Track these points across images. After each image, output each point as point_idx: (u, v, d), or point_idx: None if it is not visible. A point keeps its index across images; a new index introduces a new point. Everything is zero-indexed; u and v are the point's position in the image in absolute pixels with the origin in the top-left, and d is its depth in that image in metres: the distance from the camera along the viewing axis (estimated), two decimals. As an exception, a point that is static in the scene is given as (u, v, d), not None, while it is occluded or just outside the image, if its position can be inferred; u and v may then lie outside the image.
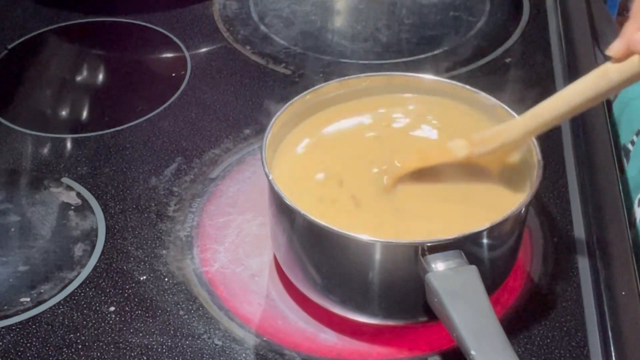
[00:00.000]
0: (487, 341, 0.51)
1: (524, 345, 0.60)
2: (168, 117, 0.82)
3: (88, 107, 0.86)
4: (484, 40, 0.93)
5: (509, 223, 0.58)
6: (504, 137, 0.59)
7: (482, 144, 0.60)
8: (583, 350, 0.60)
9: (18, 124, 0.82)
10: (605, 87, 0.52)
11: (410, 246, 0.55)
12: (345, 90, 0.68)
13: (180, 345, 0.61)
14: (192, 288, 0.65)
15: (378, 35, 0.95)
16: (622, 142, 0.78)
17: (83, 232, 0.70)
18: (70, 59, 0.93)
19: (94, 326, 0.62)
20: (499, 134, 0.60)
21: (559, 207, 0.72)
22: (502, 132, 0.60)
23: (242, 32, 0.95)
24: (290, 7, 0.99)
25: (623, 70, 0.50)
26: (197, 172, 0.76)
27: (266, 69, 0.89)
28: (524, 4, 0.99)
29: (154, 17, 0.97)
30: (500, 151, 0.60)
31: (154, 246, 0.69)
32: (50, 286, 0.65)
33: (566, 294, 0.64)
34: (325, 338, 0.61)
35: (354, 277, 0.58)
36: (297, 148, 0.66)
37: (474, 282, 0.54)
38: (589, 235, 0.68)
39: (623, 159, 0.77)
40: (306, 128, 0.67)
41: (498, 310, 0.62)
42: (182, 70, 0.89)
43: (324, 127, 0.68)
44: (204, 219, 0.71)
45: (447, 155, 0.62)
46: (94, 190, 0.74)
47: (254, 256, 0.68)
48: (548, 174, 0.73)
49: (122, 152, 0.78)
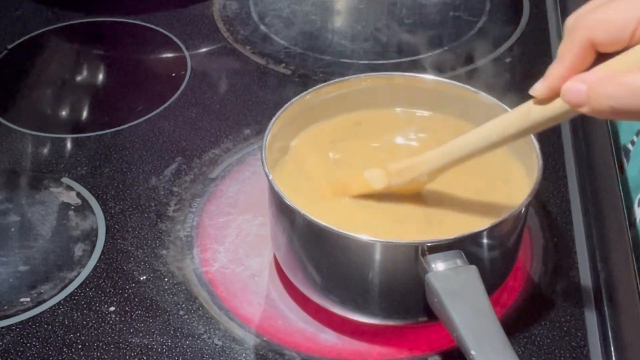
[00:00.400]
0: (487, 341, 0.51)
1: (524, 345, 0.60)
2: (168, 117, 0.82)
3: (88, 107, 0.86)
4: (484, 40, 0.93)
5: (509, 223, 0.58)
6: (420, 169, 0.59)
7: (399, 175, 0.60)
8: (583, 350, 0.60)
9: (18, 124, 0.82)
10: (526, 125, 0.51)
11: (410, 246, 0.55)
12: (346, 90, 0.68)
13: (180, 345, 0.61)
14: (192, 288, 0.65)
15: (378, 35, 0.95)
16: (622, 142, 0.78)
17: (83, 232, 0.70)
18: (70, 59, 0.93)
19: (94, 326, 0.62)
20: (414, 167, 0.59)
21: (559, 207, 0.72)
22: (418, 164, 0.59)
23: (242, 32, 0.95)
24: (290, 7, 0.99)
25: (546, 111, 0.49)
26: (197, 172, 0.76)
27: (266, 69, 0.89)
28: (524, 4, 0.99)
29: (154, 17, 0.97)
30: (416, 183, 0.60)
31: (154, 246, 0.69)
32: (50, 286, 0.65)
33: (566, 294, 0.64)
34: (325, 338, 0.61)
35: (354, 277, 0.58)
36: (297, 148, 0.66)
37: (474, 282, 0.54)
38: (589, 235, 0.68)
39: (623, 159, 0.77)
40: (306, 128, 0.67)
41: (498, 310, 0.62)
42: (182, 70, 0.89)
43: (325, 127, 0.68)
44: (204, 219, 0.71)
45: (365, 186, 0.61)
46: (94, 190, 0.74)
47: (254, 256, 0.68)
48: (548, 174, 0.73)
49: (122, 152, 0.78)
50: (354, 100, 0.68)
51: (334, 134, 0.67)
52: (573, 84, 0.46)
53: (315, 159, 0.65)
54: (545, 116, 0.50)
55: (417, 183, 0.60)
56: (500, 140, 0.54)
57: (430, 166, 0.59)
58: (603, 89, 0.43)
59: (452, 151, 0.57)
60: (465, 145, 0.56)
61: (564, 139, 0.78)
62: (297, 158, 0.65)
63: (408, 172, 0.60)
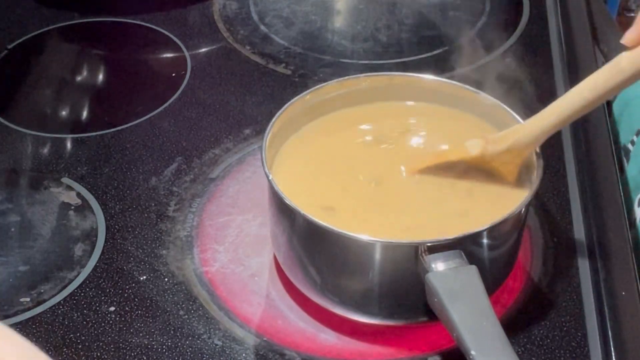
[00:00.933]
0: (487, 341, 0.51)
1: (524, 345, 0.60)
2: (168, 117, 0.82)
3: (88, 107, 0.86)
4: (483, 40, 0.93)
5: (509, 223, 0.58)
6: (518, 135, 0.59)
7: (496, 142, 0.60)
8: (583, 350, 0.60)
9: (18, 124, 0.82)
10: (618, 78, 0.50)
11: (410, 246, 0.55)
12: (346, 90, 0.68)
13: (180, 345, 0.61)
14: (192, 288, 0.65)
15: (378, 35, 0.95)
16: (622, 142, 0.78)
17: (83, 232, 0.70)
18: (70, 59, 0.93)
19: (94, 326, 0.62)
20: (512, 133, 0.60)
21: (559, 207, 0.72)
22: (516, 130, 0.59)
23: (242, 32, 0.95)
24: (290, 7, 0.99)
25: (636, 59, 0.48)
26: (197, 172, 0.76)
27: (266, 69, 0.89)
28: (524, 4, 0.99)
29: (154, 17, 0.97)
30: (514, 151, 0.60)
31: (154, 246, 0.69)
32: (50, 286, 0.65)
33: (566, 294, 0.64)
34: (325, 338, 0.61)
35: (354, 277, 0.58)
36: (297, 148, 0.66)
37: (474, 282, 0.54)
38: (589, 235, 0.68)
39: (623, 159, 0.77)
40: (307, 128, 0.67)
41: (498, 310, 0.62)
42: (182, 70, 0.89)
43: (325, 128, 0.68)
44: (204, 219, 0.71)
45: (462, 152, 0.62)
46: (94, 190, 0.74)
47: (254, 256, 0.68)
48: (548, 174, 0.73)
49: (122, 152, 0.78)
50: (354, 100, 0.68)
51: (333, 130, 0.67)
52: None
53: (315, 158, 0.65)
54: (635, 65, 0.49)
55: (515, 154, 0.60)
56: (594, 98, 0.53)
57: (526, 133, 0.58)
58: None
59: (545, 117, 0.57)
60: (558, 109, 0.56)
61: (564, 139, 0.78)
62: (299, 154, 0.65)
63: (504, 140, 0.60)
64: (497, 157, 0.61)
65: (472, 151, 0.61)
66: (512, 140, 0.59)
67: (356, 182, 0.63)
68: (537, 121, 0.58)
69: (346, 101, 0.68)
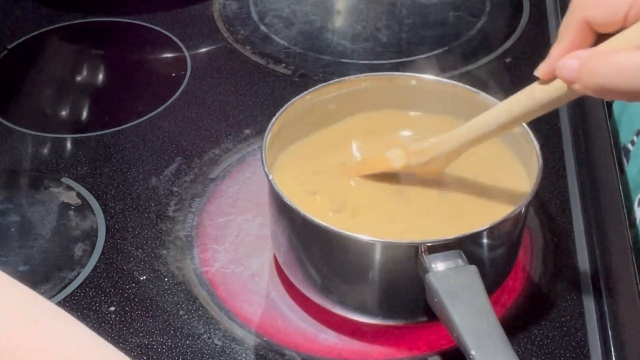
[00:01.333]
0: (487, 341, 0.51)
1: (524, 345, 0.60)
2: (168, 117, 0.82)
3: (88, 107, 0.86)
4: (484, 40, 0.93)
5: (509, 223, 0.58)
6: (438, 149, 0.60)
7: (418, 154, 0.61)
8: (583, 350, 0.60)
9: (18, 124, 0.82)
10: (531, 106, 0.52)
11: (410, 246, 0.55)
12: (346, 90, 0.68)
13: (180, 345, 0.61)
14: (192, 288, 0.65)
15: (378, 35, 0.95)
16: (622, 142, 0.78)
17: (83, 232, 0.70)
18: (70, 59, 0.93)
19: (94, 326, 0.62)
20: (433, 147, 0.60)
21: (559, 207, 0.72)
22: (436, 144, 0.60)
23: (242, 32, 0.95)
24: (290, 7, 0.99)
25: (547, 91, 0.50)
26: (197, 172, 0.76)
27: (266, 69, 0.89)
28: (524, 4, 0.99)
29: (154, 17, 0.97)
30: (434, 163, 0.61)
31: (154, 246, 0.69)
32: (50, 286, 0.65)
33: (566, 294, 0.64)
34: (325, 338, 0.61)
35: (354, 277, 0.58)
36: (297, 148, 0.66)
37: (474, 282, 0.54)
38: (589, 235, 0.68)
39: (623, 159, 0.77)
40: (307, 128, 0.67)
41: (498, 310, 0.62)
42: (182, 70, 0.89)
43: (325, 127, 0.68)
44: (204, 219, 0.71)
45: (384, 164, 0.62)
46: (94, 190, 0.74)
47: (254, 256, 0.68)
48: (548, 174, 0.73)
49: (122, 152, 0.78)
50: (354, 100, 0.68)
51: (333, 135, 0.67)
52: (566, 60, 0.46)
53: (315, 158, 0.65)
54: (548, 97, 0.50)
55: (435, 165, 0.61)
56: (509, 122, 0.54)
57: (445, 147, 0.59)
58: (593, 66, 0.44)
59: (464, 133, 0.58)
60: (476, 127, 0.57)
61: (564, 138, 0.78)
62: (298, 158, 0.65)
63: (426, 152, 0.60)
64: (420, 167, 0.62)
65: (395, 164, 0.62)
66: (434, 153, 0.60)
67: (356, 182, 0.63)
68: (457, 136, 0.59)
69: (346, 101, 0.68)
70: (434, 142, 0.60)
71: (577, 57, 0.45)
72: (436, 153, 0.60)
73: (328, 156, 0.66)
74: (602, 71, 0.43)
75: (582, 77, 0.44)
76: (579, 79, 0.45)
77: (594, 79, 0.43)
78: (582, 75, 0.44)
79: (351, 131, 0.68)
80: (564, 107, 0.81)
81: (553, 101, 0.50)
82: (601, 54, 0.44)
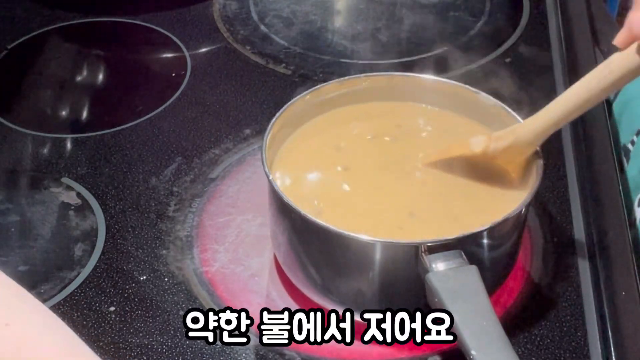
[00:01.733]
0: (487, 341, 0.51)
1: (524, 345, 0.60)
2: (168, 117, 0.82)
3: (88, 107, 0.86)
4: (484, 40, 0.93)
5: (509, 223, 0.58)
6: (518, 133, 0.60)
7: (498, 140, 0.61)
8: (583, 350, 0.60)
9: (18, 124, 0.82)
10: (609, 79, 0.51)
11: (410, 246, 0.55)
12: (346, 90, 0.68)
13: (180, 345, 0.61)
14: (192, 288, 0.65)
15: (378, 35, 0.95)
16: (622, 142, 0.78)
17: (83, 232, 0.70)
18: (70, 59, 0.93)
19: (94, 326, 0.62)
20: (513, 131, 0.60)
21: (559, 207, 0.72)
22: (517, 129, 0.60)
23: (242, 32, 0.95)
24: (290, 7, 0.99)
25: (625, 60, 0.49)
26: (197, 172, 0.76)
27: (266, 69, 0.89)
28: (524, 4, 0.99)
29: (154, 17, 0.97)
30: (515, 149, 0.60)
31: (154, 246, 0.69)
32: (50, 286, 0.65)
33: (566, 294, 0.64)
34: (325, 338, 0.61)
35: (354, 277, 0.58)
36: (297, 147, 0.66)
37: (474, 282, 0.54)
38: (589, 235, 0.68)
39: (623, 159, 0.77)
40: (307, 128, 0.67)
41: (498, 310, 0.62)
42: (182, 70, 0.89)
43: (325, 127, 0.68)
44: (204, 219, 0.71)
45: (465, 149, 0.62)
46: (94, 190, 0.74)
47: (254, 256, 0.68)
48: (548, 174, 0.73)
49: (122, 152, 0.78)
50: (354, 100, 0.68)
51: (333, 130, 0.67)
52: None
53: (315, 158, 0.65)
54: (624, 67, 0.49)
55: (516, 151, 0.60)
56: (590, 97, 0.54)
57: (526, 131, 0.59)
58: None
59: (544, 116, 0.57)
60: (556, 108, 0.56)
61: (564, 139, 0.78)
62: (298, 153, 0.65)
63: (506, 137, 0.60)
64: (499, 155, 0.61)
65: (475, 148, 0.62)
66: (513, 138, 0.60)
67: (356, 181, 0.63)
68: (537, 120, 0.59)
69: (346, 101, 0.68)
70: (514, 128, 0.60)
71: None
72: (515, 138, 0.60)
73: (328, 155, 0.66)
74: None
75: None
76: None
77: None
78: None
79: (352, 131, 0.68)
80: (564, 107, 0.81)
81: (631, 70, 0.49)
82: None
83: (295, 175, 0.64)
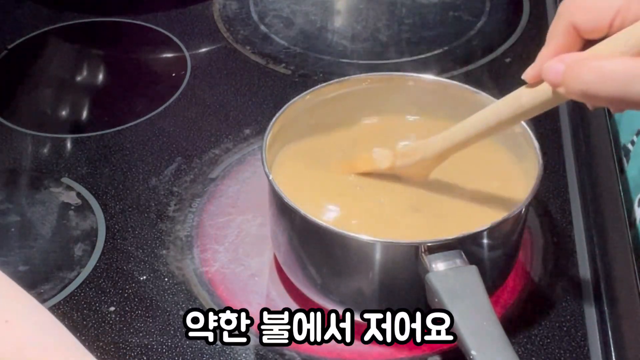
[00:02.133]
0: (487, 341, 0.51)
1: (524, 345, 0.60)
2: (168, 117, 0.82)
3: (88, 107, 0.86)
4: (484, 40, 0.93)
5: (509, 223, 0.58)
6: (424, 151, 0.60)
7: (404, 156, 0.61)
8: (583, 350, 0.60)
9: (18, 124, 0.82)
10: (517, 111, 0.51)
11: (410, 246, 0.55)
12: (346, 90, 0.68)
13: (180, 345, 0.61)
14: (192, 288, 0.65)
15: (378, 35, 0.95)
16: (622, 142, 0.78)
17: (83, 232, 0.70)
18: (70, 59, 0.93)
19: (94, 326, 0.62)
20: (419, 149, 0.60)
21: (559, 207, 0.72)
22: (423, 146, 0.60)
23: (242, 32, 0.95)
24: (290, 7, 0.99)
25: (533, 95, 0.50)
26: (197, 172, 0.76)
27: (266, 69, 0.89)
28: (524, 4, 0.99)
29: (154, 17, 0.97)
30: (420, 165, 0.61)
31: (154, 246, 0.69)
32: (50, 286, 0.65)
33: (566, 294, 0.64)
34: (325, 338, 0.61)
35: (354, 277, 0.58)
36: (297, 147, 0.66)
37: (474, 282, 0.54)
38: (589, 235, 0.68)
39: (623, 159, 0.77)
40: (307, 128, 0.67)
41: (498, 310, 0.62)
42: (182, 70, 0.89)
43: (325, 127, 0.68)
44: (204, 219, 0.71)
45: (371, 164, 0.62)
46: (94, 190, 0.74)
47: (254, 256, 0.68)
48: (548, 174, 0.73)
49: (122, 152, 0.78)
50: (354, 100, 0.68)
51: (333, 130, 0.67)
52: (552, 63, 0.46)
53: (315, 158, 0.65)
54: (535, 100, 0.50)
55: (422, 167, 0.61)
56: (496, 125, 0.54)
57: (432, 149, 0.59)
58: (577, 71, 0.43)
59: (452, 136, 0.58)
60: (464, 130, 0.57)
61: (564, 139, 0.78)
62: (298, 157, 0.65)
63: (412, 154, 0.61)
64: (404, 170, 0.62)
65: (381, 165, 0.62)
66: (419, 157, 0.60)
67: (356, 181, 0.63)
68: (444, 140, 0.59)
69: (346, 101, 0.68)
70: (420, 145, 0.60)
71: (563, 61, 0.45)
72: (422, 155, 0.60)
73: (328, 156, 0.66)
74: (586, 77, 0.43)
75: (566, 82, 0.44)
76: (563, 83, 0.45)
77: (578, 84, 0.43)
78: (567, 79, 0.44)
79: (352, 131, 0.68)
80: (564, 107, 0.81)
81: (539, 105, 0.50)
82: (585, 60, 0.44)
83: (296, 175, 0.64)
